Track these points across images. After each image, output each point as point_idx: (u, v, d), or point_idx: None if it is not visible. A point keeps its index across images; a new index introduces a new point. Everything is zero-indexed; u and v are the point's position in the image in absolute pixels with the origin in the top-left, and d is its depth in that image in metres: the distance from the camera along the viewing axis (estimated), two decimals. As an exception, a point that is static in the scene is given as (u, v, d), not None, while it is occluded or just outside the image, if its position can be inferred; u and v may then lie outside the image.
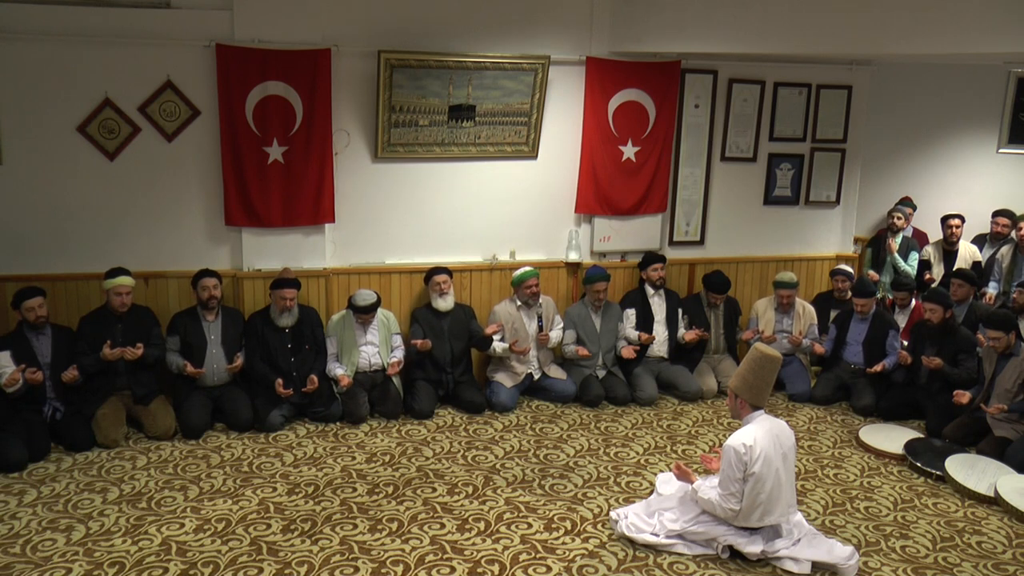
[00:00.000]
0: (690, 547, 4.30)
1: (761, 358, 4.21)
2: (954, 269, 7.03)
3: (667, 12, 6.18)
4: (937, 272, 7.35)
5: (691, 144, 7.02)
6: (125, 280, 5.59)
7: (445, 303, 6.21)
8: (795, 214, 7.46)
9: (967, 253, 7.35)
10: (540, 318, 6.43)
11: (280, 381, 5.75)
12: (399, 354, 6.16)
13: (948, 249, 7.39)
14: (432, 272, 6.22)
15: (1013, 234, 7.16)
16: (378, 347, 6.10)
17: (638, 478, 5.19)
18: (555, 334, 6.50)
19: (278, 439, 5.61)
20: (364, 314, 5.99)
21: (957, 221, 7.34)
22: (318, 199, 6.12)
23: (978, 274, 6.94)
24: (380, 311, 6.12)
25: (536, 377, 6.44)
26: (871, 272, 7.45)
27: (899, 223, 7.36)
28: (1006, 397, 5.53)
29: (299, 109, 5.96)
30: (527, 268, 6.39)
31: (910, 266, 7.36)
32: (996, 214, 7.47)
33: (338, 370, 5.98)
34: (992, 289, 7.00)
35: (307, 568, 4.09)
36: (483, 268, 6.68)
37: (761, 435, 4.14)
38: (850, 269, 7.09)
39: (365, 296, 5.99)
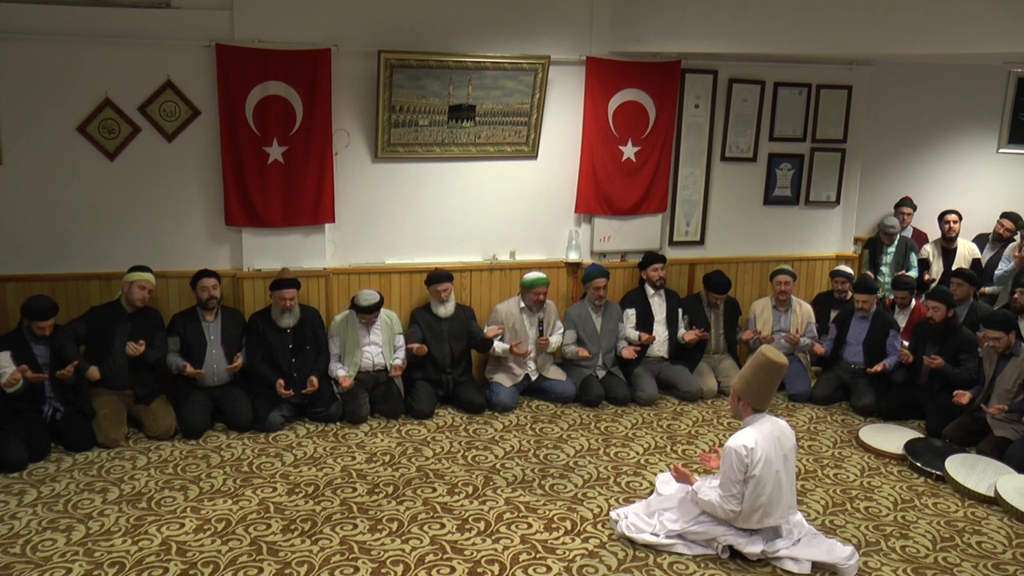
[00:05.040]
0: (690, 547, 4.30)
1: (767, 363, 4.19)
2: (953, 268, 7.02)
3: (667, 12, 6.17)
4: (936, 270, 7.35)
5: (691, 144, 7.02)
6: (150, 276, 5.65)
7: (446, 309, 6.21)
8: (795, 214, 7.46)
9: (966, 251, 7.35)
10: (541, 322, 6.43)
11: (281, 382, 5.75)
12: (401, 355, 6.17)
13: (947, 247, 7.39)
14: (434, 279, 6.19)
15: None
16: (381, 347, 6.10)
17: (638, 478, 5.19)
18: (555, 339, 6.48)
19: (278, 439, 5.61)
20: (367, 314, 5.98)
21: (954, 217, 7.33)
22: (318, 199, 6.12)
23: (977, 273, 6.93)
24: (383, 311, 6.11)
25: (533, 379, 6.44)
26: (867, 272, 7.45)
27: (893, 231, 7.35)
28: (1006, 397, 5.53)
29: (299, 109, 5.95)
30: (540, 275, 6.35)
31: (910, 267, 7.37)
32: (1003, 216, 7.43)
33: (340, 371, 5.98)
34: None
35: (307, 568, 4.10)
36: (483, 268, 6.68)
37: (762, 437, 4.14)
38: (850, 270, 7.09)
39: (368, 296, 5.98)
